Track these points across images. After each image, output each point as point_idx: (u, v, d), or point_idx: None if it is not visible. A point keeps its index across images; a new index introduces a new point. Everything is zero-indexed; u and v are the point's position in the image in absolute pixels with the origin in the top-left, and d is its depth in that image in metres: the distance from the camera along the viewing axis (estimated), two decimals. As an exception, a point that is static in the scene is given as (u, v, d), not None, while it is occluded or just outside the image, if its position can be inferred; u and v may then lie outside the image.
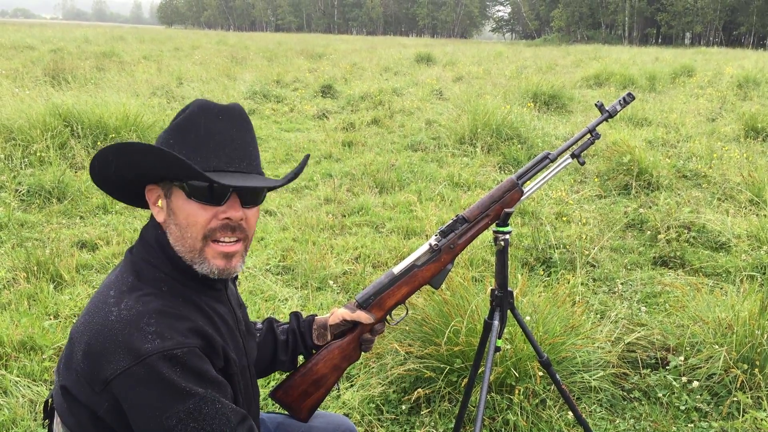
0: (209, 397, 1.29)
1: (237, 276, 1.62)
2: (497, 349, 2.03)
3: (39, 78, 12.73)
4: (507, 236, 1.97)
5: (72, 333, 1.37)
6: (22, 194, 5.75)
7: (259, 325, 1.85)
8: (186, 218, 1.39)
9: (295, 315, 1.88)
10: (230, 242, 1.43)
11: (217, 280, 1.47)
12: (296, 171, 1.56)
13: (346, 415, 2.85)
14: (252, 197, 1.45)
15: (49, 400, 1.47)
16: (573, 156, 2.03)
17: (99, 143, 6.94)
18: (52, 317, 3.70)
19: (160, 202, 1.43)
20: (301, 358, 1.88)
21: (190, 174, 1.34)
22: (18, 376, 3.04)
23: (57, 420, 1.42)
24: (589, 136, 2.03)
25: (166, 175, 1.39)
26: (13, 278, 4.14)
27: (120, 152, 1.37)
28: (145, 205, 1.51)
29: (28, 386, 2.98)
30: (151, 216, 1.47)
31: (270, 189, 1.50)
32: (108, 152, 1.37)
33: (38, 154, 6.49)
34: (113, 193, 1.51)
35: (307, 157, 1.62)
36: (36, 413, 2.83)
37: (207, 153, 1.38)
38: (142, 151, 1.36)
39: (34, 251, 4.35)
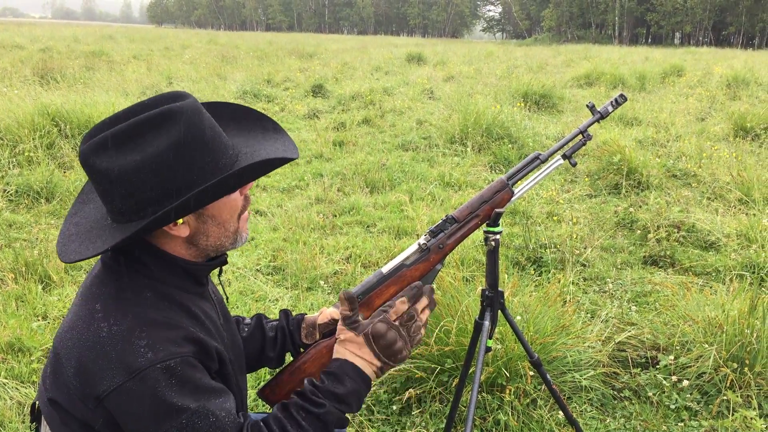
0: (202, 411, 1.26)
1: (221, 271, 1.58)
2: (488, 349, 2.03)
3: (28, 77, 12.65)
4: (498, 236, 1.97)
5: (58, 347, 1.31)
6: (10, 194, 5.71)
7: (247, 321, 1.83)
8: (229, 210, 1.37)
9: (284, 313, 1.87)
10: None
11: (202, 275, 1.45)
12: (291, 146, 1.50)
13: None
14: None
15: (36, 403, 1.45)
16: (564, 157, 2.02)
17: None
18: (40, 318, 3.67)
19: (180, 221, 1.32)
20: (288, 356, 1.86)
21: (246, 179, 1.33)
22: (6, 378, 3.01)
23: (44, 424, 1.40)
24: (580, 137, 2.03)
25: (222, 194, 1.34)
26: (1, 279, 4.11)
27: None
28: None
29: (16, 388, 2.96)
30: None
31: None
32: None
33: (26, 153, 6.44)
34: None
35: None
36: (24, 415, 2.81)
37: (226, 144, 1.34)
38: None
39: (23, 252, 4.31)
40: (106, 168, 1.23)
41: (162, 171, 1.23)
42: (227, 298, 1.69)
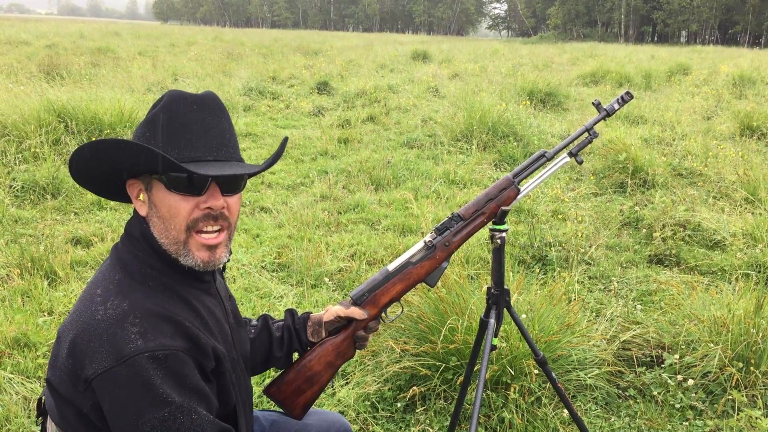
0: (185, 407, 1.28)
1: (224, 267, 1.61)
2: (493, 347, 2.03)
3: (33, 73, 12.68)
4: (503, 234, 1.97)
5: (59, 331, 1.36)
6: (16, 190, 5.72)
7: (254, 322, 1.85)
8: (168, 210, 1.38)
9: (290, 312, 1.87)
10: (213, 232, 1.42)
11: (204, 272, 1.46)
12: (275, 156, 1.55)
13: (341, 412, 2.85)
14: (232, 185, 1.43)
15: (43, 398, 1.46)
16: (570, 155, 2.02)
17: (93, 139, 6.90)
18: (46, 314, 3.68)
19: (141, 196, 1.42)
20: (295, 355, 1.87)
21: (166, 166, 1.33)
22: (11, 373, 3.02)
23: (50, 420, 1.41)
24: (586, 134, 2.02)
25: (144, 168, 1.38)
26: (6, 275, 4.12)
27: (95, 149, 1.36)
28: (129, 200, 1.49)
29: (22, 383, 2.97)
30: (135, 210, 1.46)
31: (250, 175, 1.47)
32: (84, 149, 1.36)
33: (32, 149, 6.46)
34: (98, 191, 1.50)
35: (285, 140, 1.60)
36: (30, 410, 2.82)
37: (183, 143, 1.37)
38: (117, 147, 1.34)
39: (28, 247, 4.33)
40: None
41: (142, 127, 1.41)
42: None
